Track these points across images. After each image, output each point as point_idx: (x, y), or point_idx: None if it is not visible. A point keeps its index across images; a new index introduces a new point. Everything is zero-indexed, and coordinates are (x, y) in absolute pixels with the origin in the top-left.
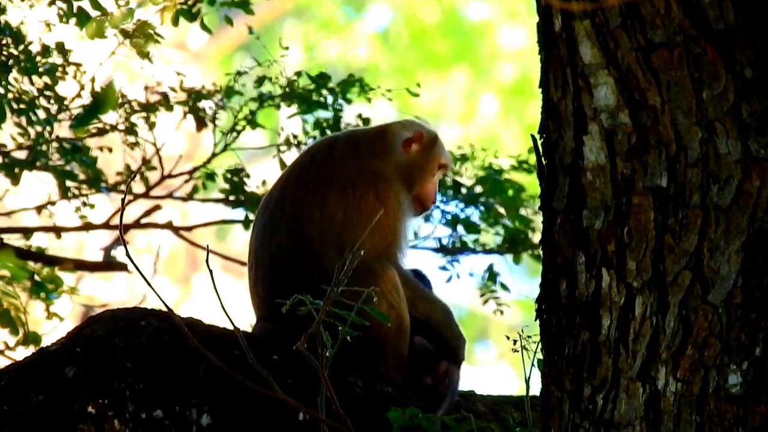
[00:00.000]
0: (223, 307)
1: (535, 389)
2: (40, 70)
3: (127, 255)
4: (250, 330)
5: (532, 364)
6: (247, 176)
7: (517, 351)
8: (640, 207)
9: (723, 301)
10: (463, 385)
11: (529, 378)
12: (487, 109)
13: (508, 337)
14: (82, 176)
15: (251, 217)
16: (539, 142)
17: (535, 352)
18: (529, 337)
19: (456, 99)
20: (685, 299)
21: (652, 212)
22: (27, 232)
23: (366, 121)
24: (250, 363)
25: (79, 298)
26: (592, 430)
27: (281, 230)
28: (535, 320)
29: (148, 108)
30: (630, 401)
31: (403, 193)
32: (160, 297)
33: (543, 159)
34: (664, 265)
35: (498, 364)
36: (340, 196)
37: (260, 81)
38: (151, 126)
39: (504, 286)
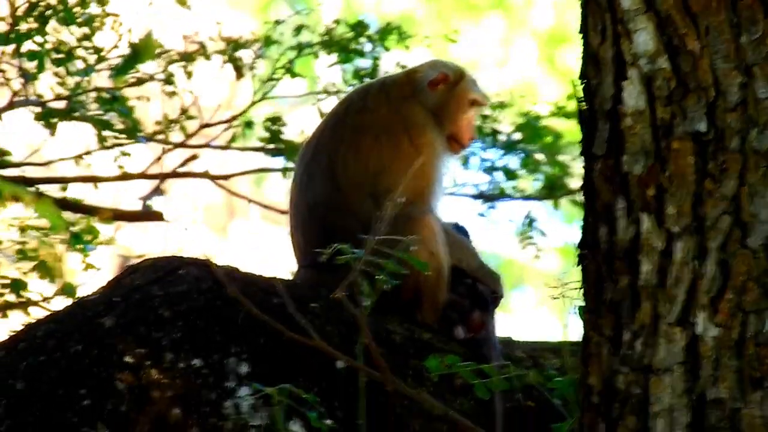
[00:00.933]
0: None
1: (574, 336)
2: (78, 20)
3: (165, 205)
4: (290, 278)
5: (572, 311)
6: (285, 125)
7: (556, 298)
8: (679, 152)
9: (762, 245)
10: (501, 331)
11: (567, 324)
12: (524, 55)
13: (546, 285)
14: (120, 126)
15: (290, 165)
16: (579, 88)
17: (574, 299)
18: (567, 283)
19: (492, 45)
20: (725, 244)
21: (692, 157)
22: (65, 182)
23: (404, 68)
24: (289, 311)
25: (117, 249)
26: (632, 375)
27: (317, 180)
28: (576, 265)
29: (186, 57)
30: (669, 346)
31: (437, 137)
32: (197, 246)
33: (582, 105)
34: (704, 210)
35: (536, 311)
36: (374, 143)
37: (298, 29)
38: (189, 75)
39: (542, 233)
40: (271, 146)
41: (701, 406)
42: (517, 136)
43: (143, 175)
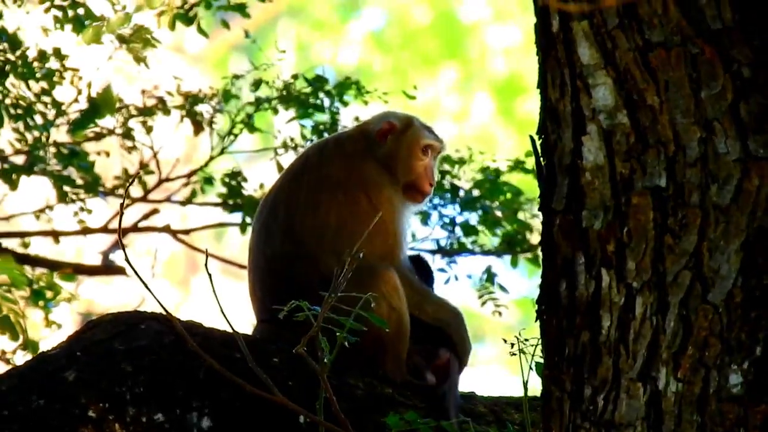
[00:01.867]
0: (222, 311)
1: (534, 391)
2: (37, 75)
3: (126, 259)
4: (250, 332)
5: (530, 366)
6: (245, 180)
7: (515, 354)
8: (639, 207)
9: (723, 300)
10: (464, 386)
11: (527, 380)
12: (481, 107)
13: (505, 341)
14: (79, 181)
15: (249, 220)
16: (538, 143)
17: (533, 354)
18: (527, 339)
19: (449, 99)
20: (686, 299)
21: (652, 212)
22: (25, 236)
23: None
24: (250, 366)
25: (78, 304)
26: (593, 430)
27: (276, 234)
28: (536, 321)
29: (146, 112)
30: (631, 401)
31: (395, 193)
32: (159, 301)
33: (542, 160)
34: (664, 265)
35: (495, 365)
36: (332, 199)
37: (257, 84)
38: (149, 130)
39: (502, 287)
40: (230, 201)
41: None
42: (477, 191)
43: (103, 230)
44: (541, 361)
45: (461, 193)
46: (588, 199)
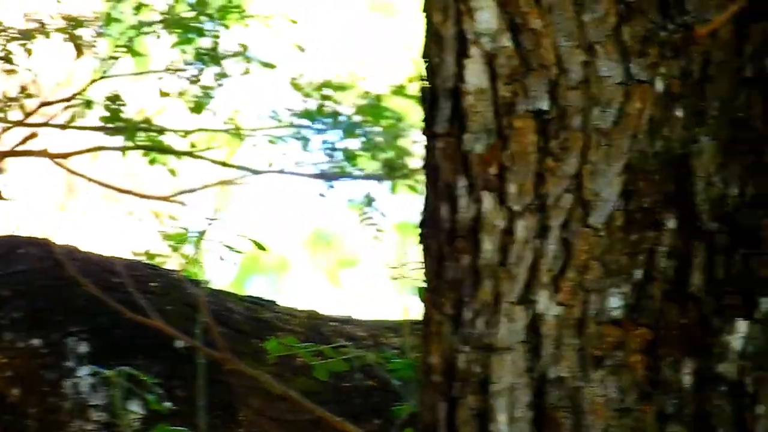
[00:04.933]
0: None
1: (414, 315)
2: None
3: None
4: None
5: (412, 290)
6: (125, 104)
7: (396, 278)
8: (521, 130)
9: (604, 223)
10: (342, 310)
11: (407, 304)
12: (362, 31)
13: (385, 265)
14: None
15: (129, 144)
16: (421, 66)
17: (414, 278)
18: (407, 263)
19: (331, 23)
20: (566, 222)
21: (533, 135)
22: None
23: (245, 47)
24: (129, 290)
25: None
26: (473, 354)
27: None
28: (417, 245)
29: (26, 35)
30: (511, 325)
31: None
32: (37, 225)
33: (424, 83)
34: (546, 189)
35: (376, 289)
36: None
37: (138, 8)
38: (29, 53)
39: (382, 213)
40: (111, 125)
41: (542, 385)
42: (358, 117)
43: None
44: (422, 285)
45: (342, 119)
46: (470, 123)
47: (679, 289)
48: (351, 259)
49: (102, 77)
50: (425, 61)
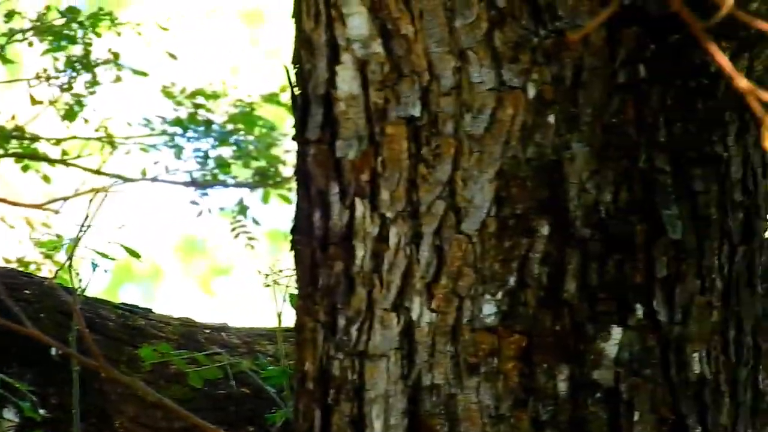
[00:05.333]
0: None
1: (289, 322)
2: None
3: None
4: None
5: (284, 298)
6: None
7: (269, 285)
8: (393, 137)
9: (477, 230)
10: (217, 318)
11: (280, 311)
12: (232, 39)
13: (259, 272)
14: None
15: (0, 151)
16: (292, 73)
17: (287, 286)
18: (280, 271)
19: (204, 28)
20: (439, 229)
21: (406, 142)
22: None
23: (116, 55)
24: (1, 297)
25: None
26: (347, 361)
27: None
28: (290, 252)
29: None
30: (384, 332)
31: None
32: None
33: (296, 90)
34: (418, 195)
35: (250, 297)
36: None
37: (9, 15)
38: None
39: (255, 221)
40: None
41: (417, 392)
42: (231, 126)
43: None
44: (295, 292)
45: (215, 127)
46: (342, 129)
47: (552, 296)
48: (224, 267)
49: None
50: (296, 68)
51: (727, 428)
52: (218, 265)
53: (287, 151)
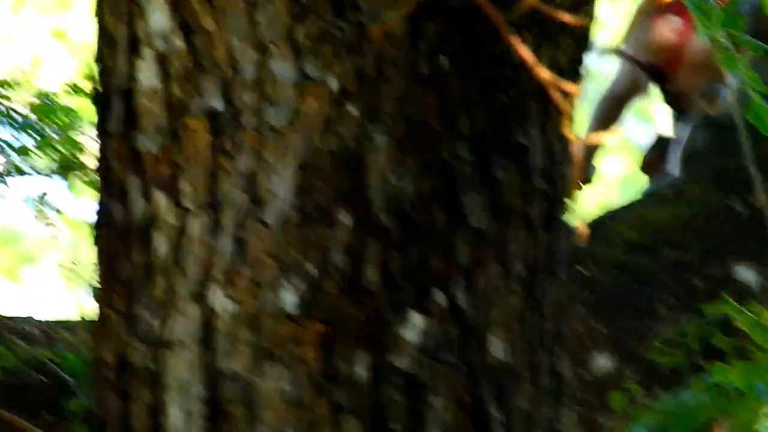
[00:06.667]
0: None
1: (90, 312)
2: None
3: None
4: None
5: (86, 288)
6: None
7: (70, 277)
8: (194, 130)
9: (278, 221)
10: (23, 307)
11: (81, 301)
12: (34, 27)
13: (60, 263)
14: None
15: None
16: (94, 68)
17: (88, 276)
18: (80, 261)
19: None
20: (241, 220)
21: (207, 135)
22: None
23: None
24: None
25: None
26: (147, 351)
27: None
28: (91, 243)
29: None
30: (184, 321)
31: None
32: None
33: (97, 83)
34: (220, 187)
35: (55, 287)
36: None
37: None
38: None
39: (57, 210)
40: None
41: (216, 380)
42: (33, 116)
43: None
44: (96, 283)
45: (16, 117)
46: (143, 123)
47: (354, 285)
48: (32, 256)
49: None
50: (98, 62)
51: (529, 412)
52: (26, 254)
53: (92, 139)
